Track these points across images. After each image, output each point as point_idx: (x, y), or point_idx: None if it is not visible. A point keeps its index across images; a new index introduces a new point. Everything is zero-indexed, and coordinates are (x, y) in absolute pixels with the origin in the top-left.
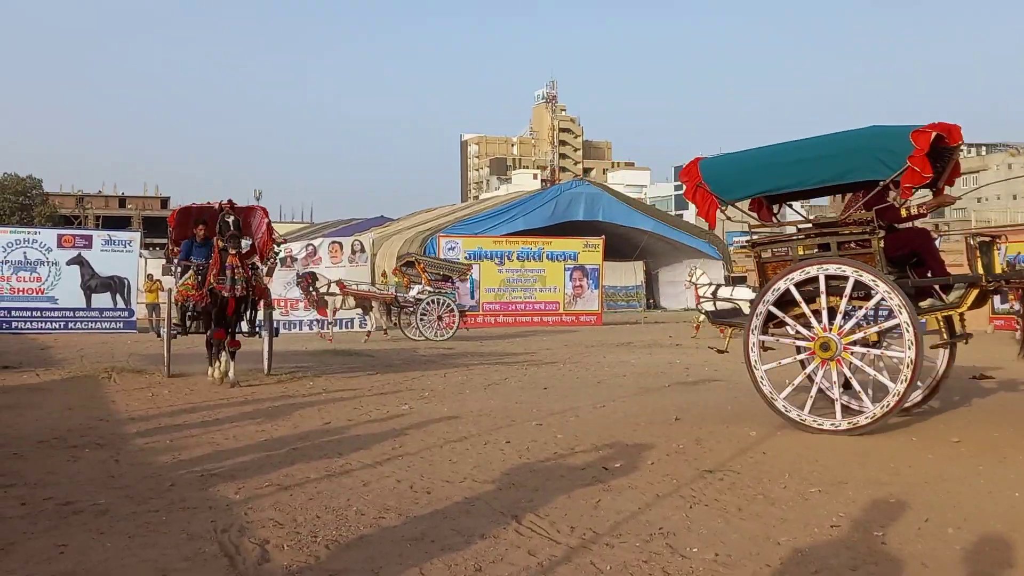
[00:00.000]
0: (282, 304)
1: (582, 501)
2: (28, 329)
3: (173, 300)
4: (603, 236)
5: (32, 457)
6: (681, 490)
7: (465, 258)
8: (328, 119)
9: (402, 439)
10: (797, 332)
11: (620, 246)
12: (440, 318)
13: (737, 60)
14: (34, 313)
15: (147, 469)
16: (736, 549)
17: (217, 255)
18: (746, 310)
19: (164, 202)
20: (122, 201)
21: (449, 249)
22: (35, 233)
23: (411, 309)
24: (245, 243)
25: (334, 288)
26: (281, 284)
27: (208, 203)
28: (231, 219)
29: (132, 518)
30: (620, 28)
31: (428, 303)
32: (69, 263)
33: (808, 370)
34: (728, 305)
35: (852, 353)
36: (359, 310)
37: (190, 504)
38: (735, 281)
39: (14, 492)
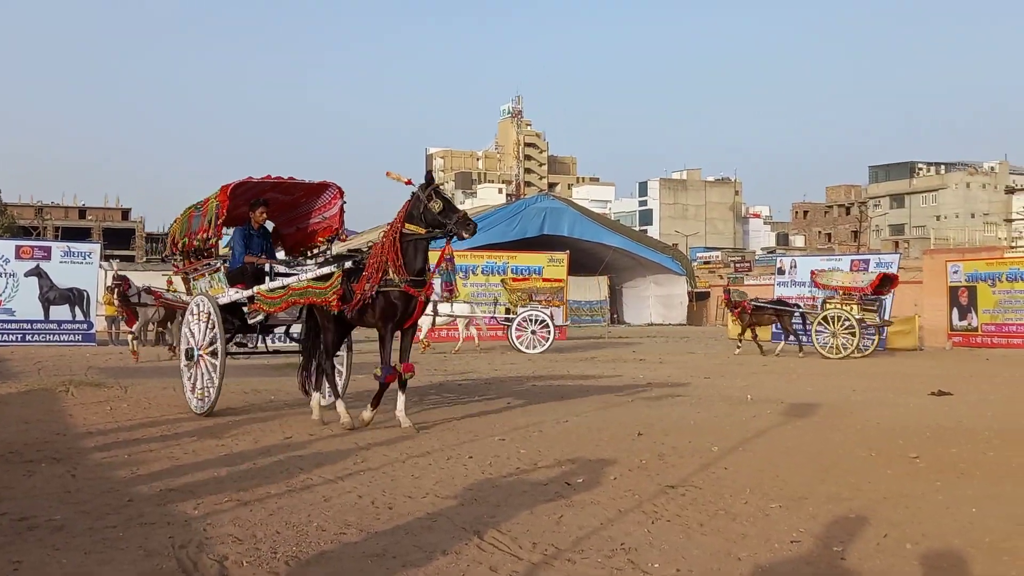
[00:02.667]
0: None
1: (544, 517)
2: None
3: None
4: (568, 251)
5: None
6: (643, 505)
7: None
8: (290, 133)
9: (364, 454)
10: None
11: (585, 261)
12: None
13: (702, 78)
14: None
15: (104, 484)
16: (697, 565)
17: (398, 247)
18: (462, 326)
19: (125, 213)
20: (82, 212)
21: None
22: None
23: None
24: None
25: (147, 297)
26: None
27: (269, 177)
28: (446, 190)
29: (89, 534)
30: (586, 45)
31: None
32: (27, 274)
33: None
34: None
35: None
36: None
37: (148, 520)
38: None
39: None
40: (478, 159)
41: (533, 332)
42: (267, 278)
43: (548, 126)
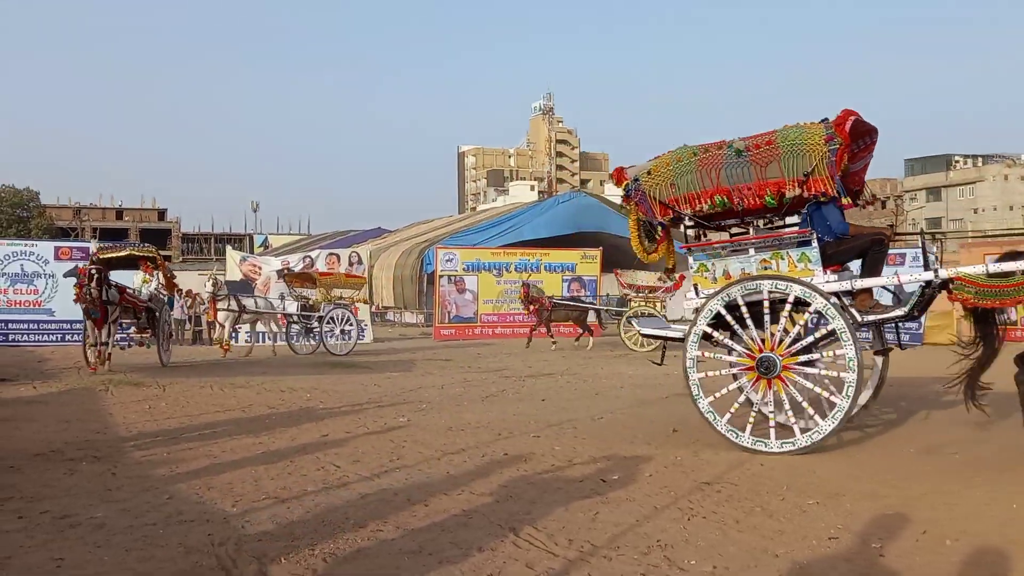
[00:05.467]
0: (278, 316)
1: (580, 513)
2: (25, 341)
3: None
4: (601, 247)
5: (29, 470)
6: (679, 502)
7: (463, 270)
8: (325, 131)
9: (400, 451)
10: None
11: (617, 257)
12: (170, 335)
13: (732, 73)
14: (31, 325)
15: (144, 482)
16: (734, 562)
17: None
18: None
19: (161, 214)
20: (119, 213)
21: (447, 261)
22: (32, 245)
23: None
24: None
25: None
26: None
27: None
28: None
29: (129, 531)
30: (617, 40)
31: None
32: (66, 275)
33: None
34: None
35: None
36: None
37: (187, 517)
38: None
39: (11, 506)
40: (510, 157)
41: (343, 331)
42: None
43: (579, 123)
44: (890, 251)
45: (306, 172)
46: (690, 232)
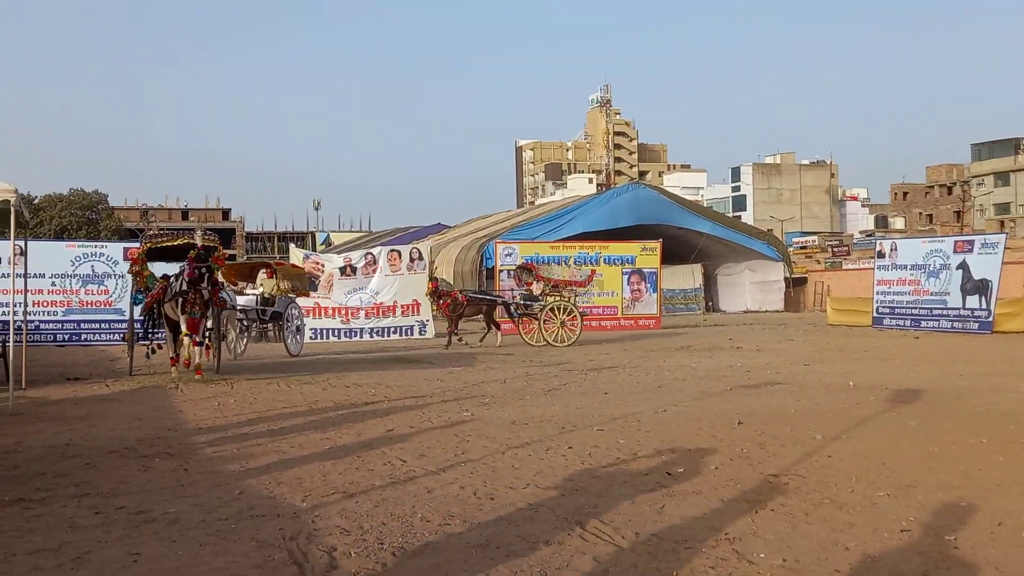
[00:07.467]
0: (342, 312)
1: (646, 507)
2: (97, 341)
3: None
4: (660, 239)
5: (104, 467)
6: (746, 495)
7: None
8: (384, 128)
9: (464, 446)
10: None
11: (677, 249)
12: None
13: (792, 58)
14: (102, 325)
15: (216, 478)
16: (804, 554)
17: None
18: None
19: (225, 213)
20: (185, 213)
21: (506, 255)
22: (102, 247)
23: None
24: None
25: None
26: (342, 292)
27: None
28: None
29: (202, 526)
30: (673, 31)
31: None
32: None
33: None
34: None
35: None
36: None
37: (258, 512)
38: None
39: (88, 501)
40: (568, 150)
41: (297, 328)
42: None
43: (637, 114)
44: (958, 238)
45: (366, 170)
46: None
